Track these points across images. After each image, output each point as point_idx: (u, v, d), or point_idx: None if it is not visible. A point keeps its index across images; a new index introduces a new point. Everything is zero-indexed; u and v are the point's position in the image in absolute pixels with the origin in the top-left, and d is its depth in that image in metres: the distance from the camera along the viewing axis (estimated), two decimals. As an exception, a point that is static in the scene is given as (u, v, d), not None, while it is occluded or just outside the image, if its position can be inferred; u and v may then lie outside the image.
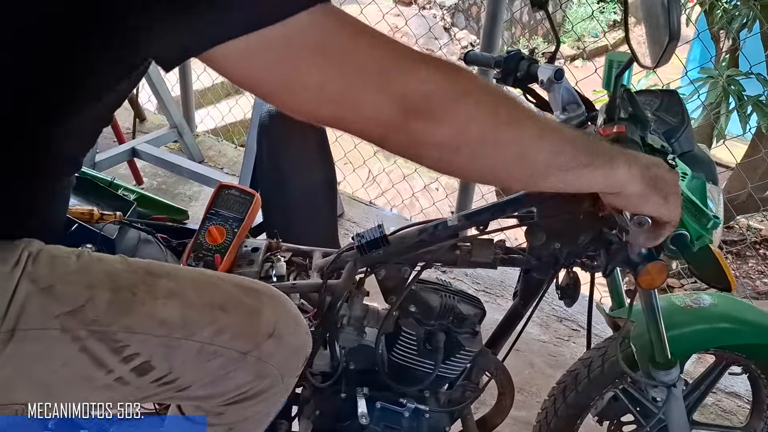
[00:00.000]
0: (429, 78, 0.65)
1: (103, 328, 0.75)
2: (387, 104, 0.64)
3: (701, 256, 0.90)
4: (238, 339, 0.83)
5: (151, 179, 3.10)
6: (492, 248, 1.14)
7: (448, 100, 0.66)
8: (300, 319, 0.93)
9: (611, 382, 1.31)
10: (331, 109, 0.64)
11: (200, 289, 0.83)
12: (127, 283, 0.78)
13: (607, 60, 1.01)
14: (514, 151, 0.70)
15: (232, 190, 1.21)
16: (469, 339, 1.18)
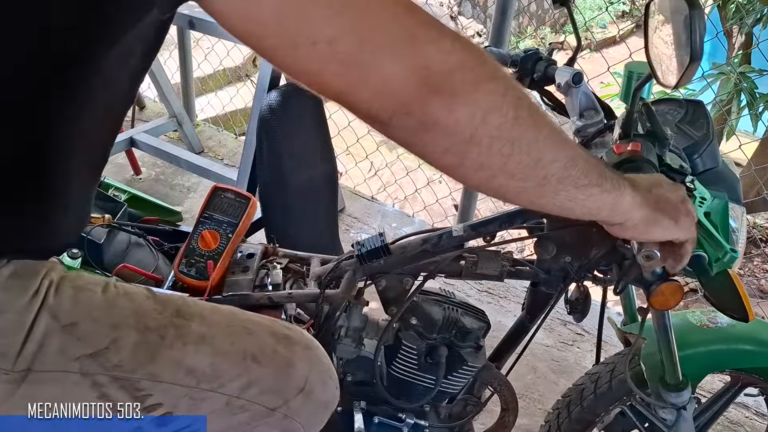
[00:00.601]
0: (456, 52, 0.57)
1: (126, 375, 0.69)
2: (404, 74, 0.56)
3: (718, 281, 0.84)
4: (267, 394, 0.77)
5: (149, 169, 3.04)
6: (499, 260, 1.08)
7: (473, 81, 0.58)
8: (332, 372, 0.86)
9: (618, 399, 1.26)
10: (339, 73, 0.56)
11: (233, 336, 0.76)
12: (156, 325, 0.71)
13: (625, 70, 0.95)
14: (530, 154, 0.63)
15: (228, 192, 1.15)
16: (472, 354, 1.13)
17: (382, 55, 0.55)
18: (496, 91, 0.60)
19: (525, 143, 0.62)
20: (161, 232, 1.21)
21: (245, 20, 0.54)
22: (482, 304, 2.35)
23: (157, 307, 0.73)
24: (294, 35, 0.54)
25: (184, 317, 0.74)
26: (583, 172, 0.67)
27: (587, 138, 1.03)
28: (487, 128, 0.59)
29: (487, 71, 0.59)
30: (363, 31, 0.54)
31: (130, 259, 1.13)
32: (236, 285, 1.11)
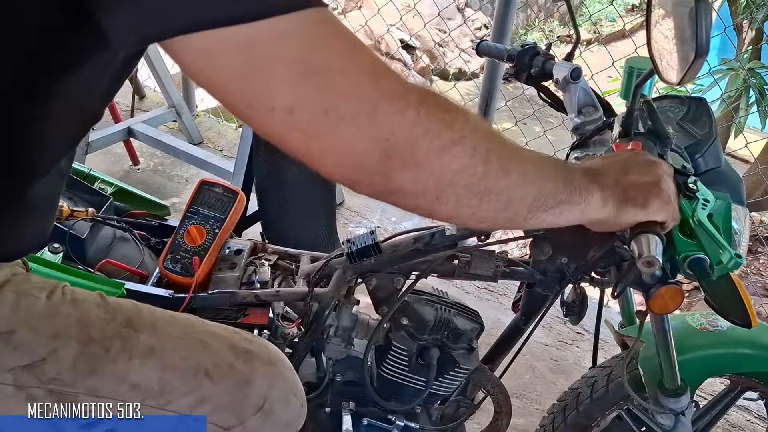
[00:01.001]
0: (419, 121, 0.55)
1: (63, 389, 0.66)
2: (366, 145, 0.54)
3: (720, 285, 0.81)
4: (221, 412, 0.73)
5: (148, 160, 3.02)
6: (493, 260, 1.05)
7: (439, 148, 0.56)
8: (297, 389, 0.83)
9: (615, 403, 1.23)
10: (299, 140, 0.54)
11: (185, 349, 0.73)
12: (101, 336, 0.68)
13: (626, 66, 0.91)
14: (500, 199, 0.63)
15: (215, 187, 1.12)
16: (464, 356, 1.10)
17: (344, 127, 0.53)
18: (464, 153, 0.58)
19: (494, 192, 0.62)
20: (148, 227, 1.18)
21: (208, 77, 0.52)
22: (481, 301, 2.32)
23: (105, 316, 0.70)
24: (254, 100, 0.52)
25: (133, 328, 0.71)
26: (552, 195, 0.66)
27: (585, 136, 0.99)
28: (455, 188, 0.59)
29: (454, 134, 0.57)
30: (324, 102, 0.52)
31: (115, 254, 1.10)
32: (222, 282, 1.08)
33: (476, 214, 0.62)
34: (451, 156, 0.57)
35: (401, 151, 0.55)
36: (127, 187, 1.21)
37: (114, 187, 1.19)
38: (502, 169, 0.61)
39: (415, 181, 0.57)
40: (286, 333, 1.09)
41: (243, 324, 1.05)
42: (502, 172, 0.61)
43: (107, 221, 1.11)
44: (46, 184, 0.66)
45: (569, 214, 0.69)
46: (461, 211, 0.61)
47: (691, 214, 0.78)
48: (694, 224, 0.77)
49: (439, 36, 5.21)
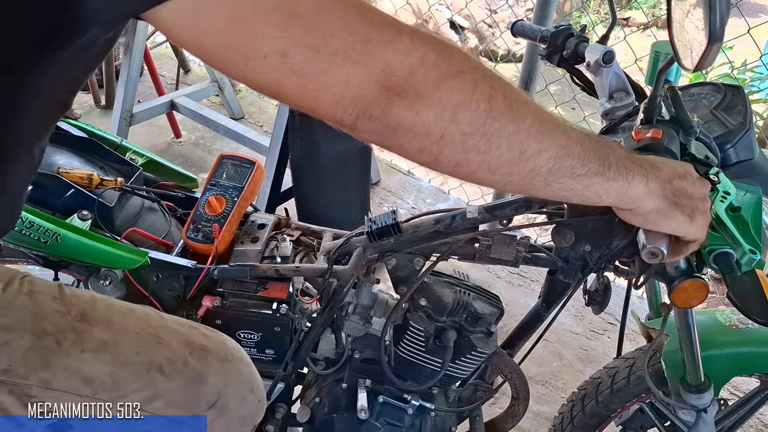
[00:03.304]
0: (415, 50, 0.55)
1: (15, 380, 0.66)
2: (363, 78, 0.54)
3: (744, 282, 0.78)
4: (173, 407, 0.74)
5: (190, 133, 3.07)
6: (514, 245, 1.03)
7: (436, 78, 0.55)
8: (254, 384, 0.83)
9: (637, 396, 1.20)
10: (296, 84, 0.54)
11: (139, 345, 0.73)
12: (54, 329, 0.68)
13: (652, 50, 0.88)
14: (511, 147, 0.59)
15: (233, 159, 1.15)
16: (482, 339, 1.09)
17: (339, 62, 0.53)
18: (464, 86, 0.57)
19: (504, 136, 0.59)
20: (175, 198, 1.21)
21: (195, 36, 0.52)
22: (512, 287, 2.30)
23: (60, 309, 0.70)
24: (244, 49, 0.52)
25: (88, 321, 0.70)
26: (580, 161, 0.63)
27: (615, 121, 0.96)
28: (458, 126, 0.57)
29: (452, 66, 0.56)
30: (315, 41, 0.52)
31: (142, 223, 1.13)
32: (244, 255, 1.10)
33: (486, 160, 0.59)
34: (450, 88, 0.56)
35: (397, 81, 0.54)
36: (157, 158, 1.24)
37: (144, 158, 1.21)
38: (511, 111, 0.59)
39: (415, 114, 0.56)
40: (304, 308, 1.10)
41: (262, 297, 1.07)
42: (510, 114, 0.59)
43: (135, 191, 1.13)
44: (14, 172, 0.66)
45: (601, 189, 0.66)
46: (469, 156, 0.59)
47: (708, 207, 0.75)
48: (711, 218, 0.74)
49: (489, 16, 5.10)
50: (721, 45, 0.64)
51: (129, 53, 2.54)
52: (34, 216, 0.97)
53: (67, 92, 0.64)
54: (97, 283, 1.04)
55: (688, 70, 0.72)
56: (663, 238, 0.75)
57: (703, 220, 0.74)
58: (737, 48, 2.42)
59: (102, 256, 1.00)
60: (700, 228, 0.74)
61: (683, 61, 0.72)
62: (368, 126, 0.56)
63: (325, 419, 1.15)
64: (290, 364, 1.13)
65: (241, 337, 1.08)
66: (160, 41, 3.61)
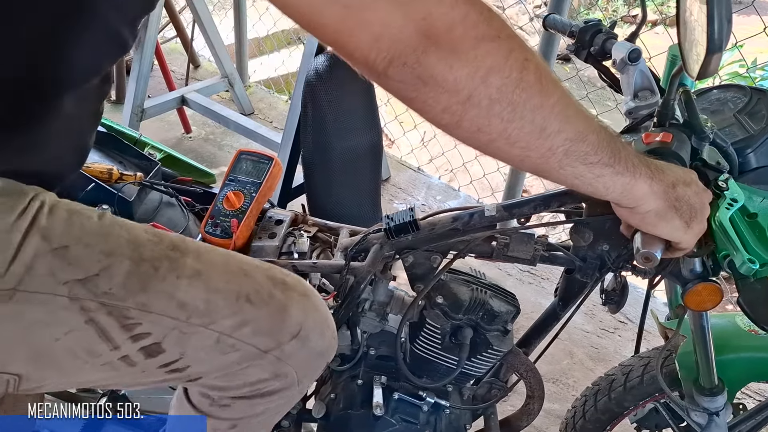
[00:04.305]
0: (458, 6, 0.55)
1: (115, 302, 0.68)
2: (403, 21, 0.54)
3: (755, 288, 0.77)
4: (260, 335, 0.76)
5: (200, 128, 3.08)
6: (532, 243, 1.03)
7: (475, 37, 0.56)
8: (329, 322, 0.85)
9: (650, 395, 1.20)
10: (336, 14, 0.53)
11: (229, 275, 0.75)
12: (150, 256, 0.70)
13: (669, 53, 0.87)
14: (534, 121, 0.60)
15: (252, 155, 1.15)
16: (498, 337, 1.10)
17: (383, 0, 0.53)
18: (500, 51, 0.57)
19: (528, 109, 0.59)
20: (193, 193, 1.21)
21: None
22: (523, 284, 2.30)
23: (153, 239, 0.72)
24: None
25: (180, 251, 0.72)
26: (594, 149, 0.64)
27: (637, 120, 0.96)
28: (487, 89, 0.57)
29: (490, 29, 0.56)
30: None
31: (161, 218, 1.14)
32: (261, 251, 1.10)
33: (507, 129, 0.59)
34: (486, 50, 0.56)
35: (437, 32, 0.54)
36: (175, 153, 1.24)
37: (163, 154, 1.22)
38: (540, 86, 0.59)
39: (448, 68, 0.55)
40: (321, 304, 1.10)
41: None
42: (539, 89, 0.59)
43: (154, 186, 1.14)
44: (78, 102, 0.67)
45: (608, 181, 0.66)
46: (492, 122, 0.59)
47: (714, 214, 0.75)
48: (714, 224, 0.75)
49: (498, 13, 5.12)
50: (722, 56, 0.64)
51: (140, 48, 2.55)
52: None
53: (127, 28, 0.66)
54: (116, 277, 1.05)
55: (692, 78, 0.72)
56: (658, 243, 0.76)
57: (698, 229, 0.75)
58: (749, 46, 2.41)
59: (121, 250, 1.01)
60: (693, 236, 0.75)
61: (689, 68, 0.73)
62: (399, 73, 0.56)
63: (340, 415, 1.15)
64: (306, 360, 1.14)
65: (258, 332, 1.09)
66: (171, 36, 3.62)
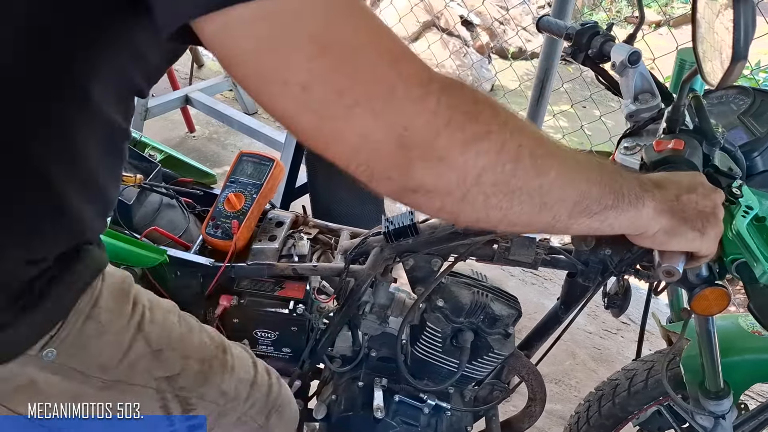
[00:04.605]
0: (440, 112, 0.51)
1: (185, 394, 0.82)
2: (382, 133, 0.50)
3: (765, 293, 0.76)
4: (259, 412, 0.93)
5: (204, 127, 3.08)
6: (533, 247, 1.03)
7: (462, 142, 0.52)
8: (292, 397, 1.02)
9: (654, 399, 1.20)
10: (311, 122, 0.50)
11: (246, 368, 0.92)
12: (209, 356, 0.86)
13: (677, 58, 0.86)
14: (533, 202, 0.58)
15: (253, 156, 1.15)
16: (499, 341, 1.09)
17: (359, 111, 0.49)
18: (492, 148, 0.54)
19: (526, 193, 0.57)
20: (194, 195, 1.21)
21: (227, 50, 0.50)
22: (525, 285, 2.29)
23: (208, 341, 0.87)
24: (269, 73, 0.49)
25: (223, 349, 0.88)
26: (597, 201, 0.62)
27: (638, 124, 0.95)
28: (481, 188, 0.54)
29: (479, 126, 0.53)
30: (339, 81, 0.49)
31: (161, 219, 1.13)
32: (261, 254, 1.10)
33: (508, 216, 0.58)
34: (476, 151, 0.53)
35: (420, 143, 0.51)
36: (176, 154, 1.24)
37: (163, 154, 1.22)
38: (536, 168, 0.57)
39: (437, 177, 0.53)
40: (321, 307, 1.10)
41: (279, 296, 1.07)
42: (536, 171, 0.57)
43: (154, 188, 1.13)
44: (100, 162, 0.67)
45: (615, 222, 0.65)
46: (490, 213, 0.57)
47: (730, 222, 0.74)
48: (731, 233, 0.73)
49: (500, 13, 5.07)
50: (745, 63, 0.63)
51: (144, 47, 2.55)
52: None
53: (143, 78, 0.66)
54: (116, 279, 1.05)
55: (711, 86, 0.71)
56: (678, 255, 0.74)
57: (715, 233, 0.73)
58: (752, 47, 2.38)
59: (121, 254, 1.01)
60: (711, 241, 0.73)
61: (707, 75, 0.71)
62: (385, 186, 0.54)
63: (341, 417, 1.15)
64: (307, 363, 1.14)
65: (258, 335, 1.09)
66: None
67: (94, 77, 0.61)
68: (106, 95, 0.63)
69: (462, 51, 4.59)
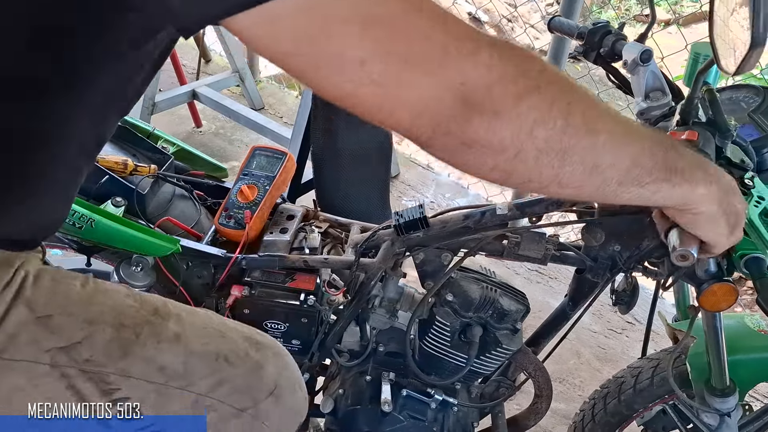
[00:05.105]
0: (494, 64, 0.53)
1: (96, 368, 0.69)
2: (441, 92, 0.52)
3: None
4: (237, 393, 0.77)
5: (210, 122, 3.08)
6: (543, 243, 1.03)
7: (515, 95, 0.54)
8: (301, 382, 0.87)
9: (659, 397, 1.20)
10: (372, 93, 0.52)
11: (207, 337, 0.78)
12: (132, 322, 0.72)
13: (692, 51, 0.87)
14: (584, 162, 0.59)
15: (266, 150, 1.17)
16: (507, 336, 1.10)
17: (417, 74, 0.51)
18: (542, 103, 0.55)
19: (578, 152, 0.58)
20: (205, 187, 1.22)
21: (271, 45, 0.51)
22: (531, 283, 2.30)
23: (134, 305, 0.73)
24: (321, 57, 0.50)
25: (161, 316, 0.74)
26: (648, 171, 0.62)
27: (650, 121, 0.96)
28: (534, 142, 0.55)
29: (530, 81, 0.54)
30: (393, 50, 0.51)
31: (173, 210, 1.14)
32: (273, 245, 1.10)
33: (559, 176, 0.58)
34: (528, 105, 0.54)
35: (476, 96, 0.52)
36: (188, 147, 1.25)
37: (175, 147, 1.23)
38: (587, 126, 0.57)
39: (493, 132, 0.54)
40: (331, 300, 1.11)
41: (290, 288, 1.07)
42: (587, 129, 0.57)
43: (168, 179, 1.14)
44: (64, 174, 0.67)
45: (666, 194, 0.65)
46: (542, 171, 0.58)
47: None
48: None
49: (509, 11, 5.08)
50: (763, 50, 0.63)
51: (153, 42, 2.55)
52: (70, 202, 0.98)
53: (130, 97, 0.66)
54: (129, 269, 1.06)
55: (728, 74, 0.72)
56: (694, 242, 0.75)
57: (736, 237, 0.75)
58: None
59: (134, 242, 1.02)
60: (730, 243, 0.75)
61: (723, 63, 0.72)
62: (443, 142, 0.55)
63: (348, 411, 1.16)
64: (316, 355, 1.14)
65: (268, 327, 1.09)
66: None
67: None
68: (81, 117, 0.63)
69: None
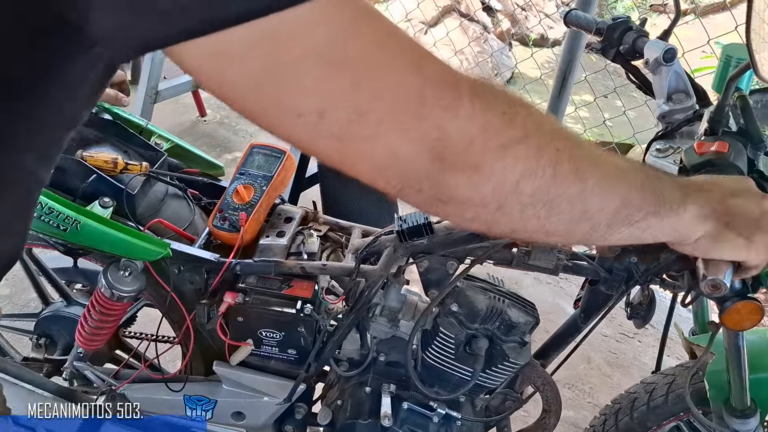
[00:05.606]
0: (475, 116, 0.46)
1: None
2: (412, 147, 0.45)
3: None
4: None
5: (215, 112, 3.03)
6: (555, 252, 0.97)
7: (499, 146, 0.47)
8: None
9: (674, 414, 1.14)
10: (333, 147, 0.45)
11: None
12: None
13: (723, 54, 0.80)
14: (572, 210, 0.53)
15: (264, 149, 1.11)
16: (515, 349, 1.04)
17: (385, 128, 0.44)
18: (529, 153, 0.49)
19: (566, 201, 0.52)
20: (200, 186, 1.17)
21: (220, 84, 0.43)
22: (540, 284, 2.24)
23: None
24: (276, 105, 0.43)
25: None
26: (638, 208, 0.57)
27: (672, 126, 0.89)
28: (519, 196, 0.50)
29: (516, 130, 0.48)
30: (359, 100, 0.43)
31: (166, 210, 1.09)
32: (269, 250, 1.05)
33: (545, 226, 0.54)
34: (514, 157, 0.48)
35: (454, 151, 0.46)
36: (182, 143, 1.19)
37: (170, 143, 1.17)
38: (576, 173, 0.52)
39: (473, 188, 0.48)
40: (329, 308, 1.06)
41: (287, 295, 1.02)
42: (576, 176, 0.52)
43: (160, 177, 1.09)
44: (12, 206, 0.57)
45: (656, 229, 0.60)
46: (527, 224, 0.53)
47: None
48: None
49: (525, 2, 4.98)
50: None
51: (157, 29, 2.50)
52: (54, 202, 0.93)
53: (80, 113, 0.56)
54: (117, 273, 1.01)
55: (765, 81, 0.65)
56: (724, 266, 0.69)
57: (765, 242, 0.67)
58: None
59: (122, 246, 0.97)
60: (761, 250, 0.67)
61: (761, 71, 0.65)
62: (415, 198, 0.49)
63: (346, 423, 1.10)
64: (313, 365, 1.09)
65: (262, 336, 1.04)
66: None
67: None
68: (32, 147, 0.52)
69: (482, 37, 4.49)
